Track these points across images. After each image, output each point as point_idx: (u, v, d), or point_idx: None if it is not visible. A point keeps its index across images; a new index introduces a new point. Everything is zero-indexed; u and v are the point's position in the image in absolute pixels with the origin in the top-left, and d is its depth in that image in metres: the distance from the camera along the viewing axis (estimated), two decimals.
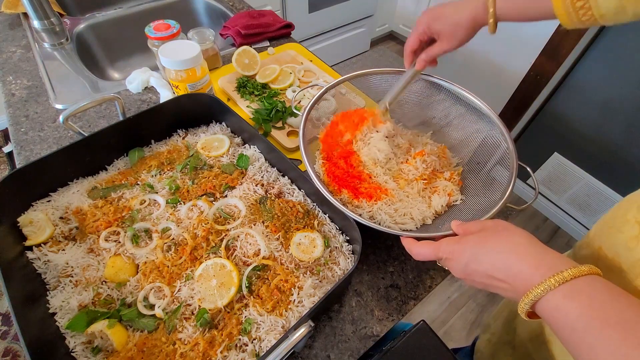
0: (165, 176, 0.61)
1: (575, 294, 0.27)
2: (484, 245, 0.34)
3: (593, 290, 0.27)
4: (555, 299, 0.28)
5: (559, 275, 0.28)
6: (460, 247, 0.36)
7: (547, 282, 0.28)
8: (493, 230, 0.35)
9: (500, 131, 0.57)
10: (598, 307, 0.26)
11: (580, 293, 0.27)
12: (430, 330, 0.48)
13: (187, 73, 0.68)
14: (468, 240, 0.36)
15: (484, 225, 0.37)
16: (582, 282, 0.28)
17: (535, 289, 0.28)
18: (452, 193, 0.57)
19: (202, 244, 0.53)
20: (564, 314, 0.27)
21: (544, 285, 0.28)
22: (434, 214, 0.56)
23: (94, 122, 0.76)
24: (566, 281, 0.27)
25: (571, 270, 0.28)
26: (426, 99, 0.67)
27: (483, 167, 0.60)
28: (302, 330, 0.40)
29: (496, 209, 0.48)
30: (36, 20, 0.91)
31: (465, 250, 0.35)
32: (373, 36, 2.53)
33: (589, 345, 0.25)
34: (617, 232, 0.36)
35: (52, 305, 0.46)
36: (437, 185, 0.59)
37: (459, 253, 0.35)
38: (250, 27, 0.97)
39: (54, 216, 0.54)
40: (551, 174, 1.63)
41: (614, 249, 0.36)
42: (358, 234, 0.48)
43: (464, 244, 0.35)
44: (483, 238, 0.35)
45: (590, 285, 0.27)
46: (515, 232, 0.33)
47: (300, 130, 0.57)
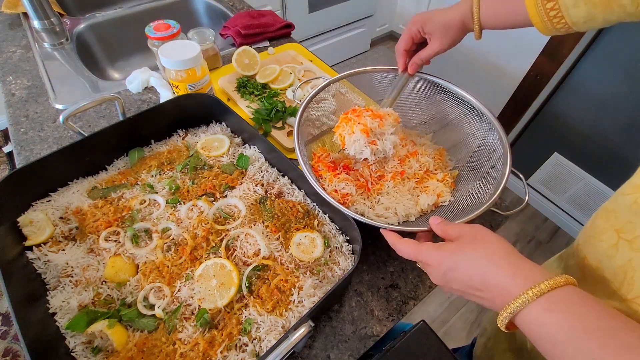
0: (165, 176, 0.61)
1: (553, 306, 0.27)
2: (462, 254, 0.34)
3: (570, 301, 0.27)
4: (534, 312, 0.28)
5: (537, 287, 0.28)
6: (439, 254, 0.36)
7: (525, 294, 0.28)
8: (471, 238, 0.35)
9: (498, 135, 0.57)
10: (576, 318, 0.26)
11: (558, 305, 0.27)
12: (430, 330, 0.48)
13: (187, 73, 0.68)
14: (447, 248, 0.36)
15: (462, 232, 0.37)
16: (559, 294, 0.28)
17: (514, 302, 0.29)
18: (441, 194, 0.58)
19: (202, 244, 0.53)
20: (543, 327, 0.27)
21: (522, 298, 0.28)
22: (420, 212, 0.56)
23: (94, 122, 0.76)
24: (543, 293, 0.28)
25: (548, 282, 0.28)
26: (426, 99, 0.67)
27: (478, 171, 0.60)
28: (302, 330, 0.40)
29: (477, 212, 0.48)
30: (36, 20, 0.91)
31: (444, 258, 0.35)
32: (373, 36, 2.53)
33: (571, 357, 0.26)
34: (598, 241, 0.36)
35: (52, 305, 0.46)
36: (428, 185, 0.59)
37: (437, 260, 0.36)
38: (250, 27, 0.97)
39: (54, 216, 0.54)
40: (551, 174, 1.63)
41: (597, 257, 0.36)
42: (358, 234, 0.48)
43: (443, 252, 0.36)
44: (460, 246, 0.35)
45: (567, 296, 0.28)
46: (492, 241, 0.34)
47: (295, 128, 0.57)
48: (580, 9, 0.42)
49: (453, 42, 0.54)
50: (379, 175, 0.59)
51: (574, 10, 0.42)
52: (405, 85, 0.62)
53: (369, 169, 0.59)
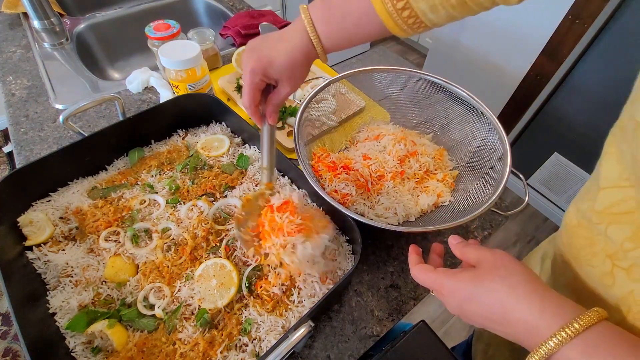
0: (165, 176, 0.61)
1: (592, 350, 0.25)
2: (480, 285, 0.31)
3: (609, 343, 0.25)
4: (572, 356, 0.25)
5: (570, 327, 0.25)
6: (454, 283, 0.33)
7: (557, 335, 0.26)
8: (490, 267, 0.32)
9: (498, 134, 0.57)
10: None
11: (597, 349, 0.25)
12: (430, 330, 0.48)
13: (187, 73, 0.68)
14: (464, 277, 0.33)
15: (481, 257, 0.34)
16: (595, 334, 0.25)
17: (545, 345, 0.26)
18: (441, 194, 0.58)
19: (202, 244, 0.53)
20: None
21: (554, 340, 0.26)
22: (420, 212, 0.56)
23: (94, 122, 0.76)
24: (578, 333, 0.25)
25: (582, 320, 0.26)
26: (426, 99, 0.67)
27: (478, 171, 0.60)
28: (302, 330, 0.40)
29: (477, 212, 0.48)
30: (36, 20, 0.91)
31: (460, 289, 0.33)
32: None
33: None
34: (588, 266, 0.34)
35: (52, 305, 0.46)
36: (427, 185, 0.59)
37: (454, 290, 0.33)
38: (250, 27, 0.97)
39: (54, 216, 0.54)
40: (551, 174, 1.63)
41: (590, 282, 0.34)
42: (358, 234, 0.48)
43: (458, 281, 0.33)
44: (479, 276, 0.32)
45: (605, 337, 0.25)
46: (513, 271, 0.31)
47: (295, 128, 0.57)
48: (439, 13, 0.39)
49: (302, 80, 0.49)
50: (378, 175, 0.59)
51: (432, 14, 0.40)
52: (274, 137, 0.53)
53: (369, 168, 0.59)
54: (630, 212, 0.27)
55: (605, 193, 0.29)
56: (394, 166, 0.60)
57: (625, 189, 0.27)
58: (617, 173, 0.28)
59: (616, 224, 0.28)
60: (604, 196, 0.29)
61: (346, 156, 0.62)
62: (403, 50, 2.73)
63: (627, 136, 0.27)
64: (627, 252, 0.27)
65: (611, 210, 0.29)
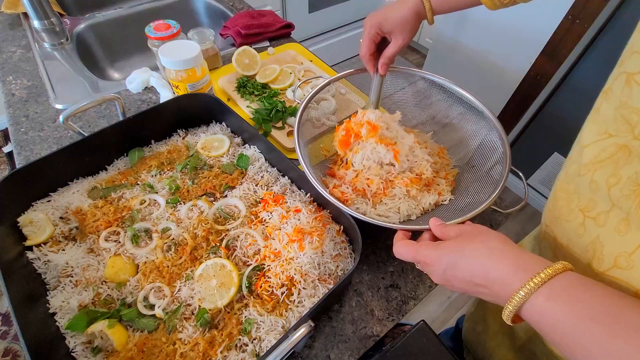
0: (165, 176, 0.61)
1: (555, 295, 0.28)
2: (461, 251, 0.34)
3: (572, 288, 0.28)
4: (538, 303, 0.28)
5: (537, 277, 0.28)
6: (438, 253, 0.36)
7: (526, 285, 0.28)
8: (470, 235, 0.35)
9: (498, 134, 0.57)
10: (580, 306, 0.26)
11: (561, 293, 0.28)
12: (430, 330, 0.48)
13: (187, 73, 0.68)
14: (446, 246, 0.36)
15: (461, 230, 0.37)
16: (559, 281, 0.28)
17: (517, 295, 0.29)
18: (442, 192, 0.57)
19: (202, 244, 0.53)
20: (549, 318, 0.27)
21: (524, 290, 0.28)
22: (422, 211, 0.56)
23: (94, 122, 0.76)
24: (544, 282, 0.28)
25: (547, 270, 0.28)
26: (426, 99, 0.67)
27: (479, 170, 0.60)
28: (302, 330, 0.40)
29: (476, 210, 0.48)
30: (36, 20, 0.91)
31: (443, 257, 0.35)
32: None
33: (582, 346, 0.26)
34: (566, 222, 0.37)
35: (52, 305, 0.46)
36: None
37: (437, 259, 0.36)
38: (250, 27, 0.98)
39: (54, 216, 0.54)
40: (551, 174, 1.63)
41: (566, 236, 0.37)
42: (358, 234, 0.48)
43: (442, 250, 0.36)
44: (460, 243, 0.35)
45: (568, 283, 0.28)
46: (490, 236, 0.34)
47: (295, 127, 0.57)
48: None
49: (412, 34, 0.57)
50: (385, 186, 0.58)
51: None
52: (382, 85, 0.63)
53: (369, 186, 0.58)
54: (610, 156, 0.31)
55: (589, 149, 0.34)
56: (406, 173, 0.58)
57: (604, 141, 0.32)
58: (595, 131, 0.33)
59: (601, 169, 0.32)
60: (588, 151, 0.34)
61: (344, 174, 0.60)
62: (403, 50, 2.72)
63: (612, 95, 0.31)
64: (611, 187, 0.31)
65: (596, 159, 0.33)
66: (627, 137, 0.30)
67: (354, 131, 0.58)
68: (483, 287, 0.32)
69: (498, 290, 0.31)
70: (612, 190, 0.31)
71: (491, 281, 0.31)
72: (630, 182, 0.29)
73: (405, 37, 0.56)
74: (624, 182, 0.30)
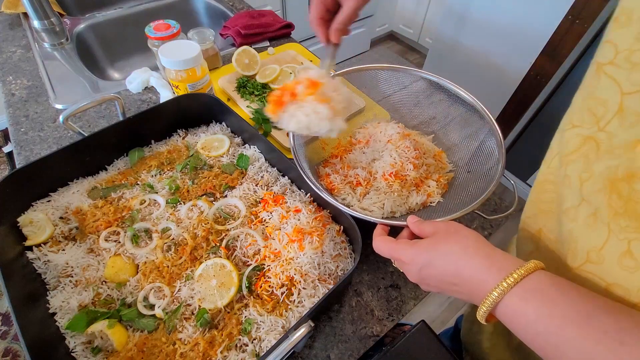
0: (165, 176, 0.61)
1: (529, 295, 0.28)
2: (436, 250, 0.34)
3: (544, 287, 0.28)
4: (512, 303, 0.28)
5: (510, 277, 0.28)
6: (414, 251, 0.36)
7: (499, 286, 0.28)
8: (445, 234, 0.35)
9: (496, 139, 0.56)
10: (553, 306, 0.27)
11: (534, 293, 0.28)
12: (430, 330, 0.48)
13: (187, 73, 0.68)
14: (421, 244, 0.36)
15: (436, 228, 0.37)
16: (532, 281, 0.28)
17: (490, 295, 0.29)
18: (432, 194, 0.57)
19: (202, 244, 0.53)
20: (522, 318, 0.28)
21: (497, 290, 0.28)
22: (407, 210, 0.56)
23: (94, 122, 0.76)
24: (517, 282, 0.28)
25: (520, 270, 0.28)
26: (426, 99, 0.67)
27: (473, 175, 0.59)
28: (302, 330, 0.40)
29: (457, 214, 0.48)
30: (36, 20, 0.91)
31: (419, 255, 0.35)
32: (373, 36, 2.53)
33: (554, 346, 0.26)
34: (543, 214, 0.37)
35: (52, 305, 0.46)
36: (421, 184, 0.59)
37: (412, 258, 0.36)
38: (250, 27, 0.98)
39: (54, 216, 0.54)
40: None
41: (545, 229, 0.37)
42: (358, 234, 0.48)
43: (417, 249, 0.36)
44: (435, 242, 0.35)
45: (540, 282, 0.28)
46: (465, 235, 0.34)
47: None
48: None
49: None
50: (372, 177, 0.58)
51: None
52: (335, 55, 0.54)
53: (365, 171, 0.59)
54: (576, 149, 0.31)
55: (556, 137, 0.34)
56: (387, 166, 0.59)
57: (569, 131, 0.32)
58: (564, 121, 0.33)
59: (572, 163, 0.32)
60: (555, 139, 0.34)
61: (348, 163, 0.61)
62: (403, 50, 2.73)
63: (582, 86, 0.31)
64: (584, 182, 0.30)
65: (565, 152, 0.32)
66: (592, 129, 0.29)
67: (290, 89, 0.48)
68: (457, 285, 0.32)
69: (472, 289, 0.31)
70: (585, 186, 0.31)
71: (465, 280, 0.31)
72: (602, 178, 0.29)
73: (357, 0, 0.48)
74: (596, 177, 0.30)
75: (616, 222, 0.28)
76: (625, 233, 0.28)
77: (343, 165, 0.61)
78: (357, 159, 0.62)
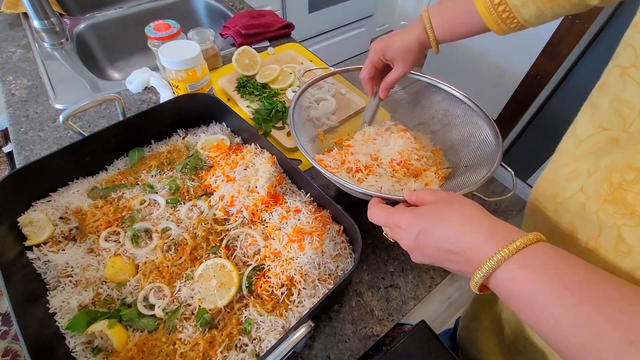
0: (165, 176, 0.61)
1: (530, 263, 0.27)
2: (438, 216, 0.33)
3: (546, 257, 0.27)
4: (511, 270, 0.28)
5: (512, 244, 0.28)
6: (413, 216, 0.35)
7: (500, 252, 0.28)
8: (447, 202, 0.35)
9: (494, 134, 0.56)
10: (554, 274, 0.26)
11: (535, 260, 0.27)
12: (430, 330, 0.48)
13: (187, 73, 0.68)
14: (422, 210, 0.35)
15: (437, 196, 0.36)
16: (534, 250, 0.28)
17: (489, 261, 0.28)
18: (429, 184, 0.57)
19: (202, 244, 0.53)
20: (520, 285, 0.27)
21: (497, 256, 0.28)
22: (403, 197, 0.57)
23: (94, 122, 0.76)
24: (518, 250, 0.28)
25: (522, 239, 0.28)
26: (426, 99, 0.67)
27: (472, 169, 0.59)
28: (302, 330, 0.40)
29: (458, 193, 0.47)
30: (36, 20, 0.91)
31: (419, 220, 0.34)
32: (373, 36, 2.52)
33: (550, 313, 0.25)
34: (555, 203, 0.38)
35: (52, 305, 0.46)
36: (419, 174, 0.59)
37: (411, 223, 0.35)
38: (250, 27, 0.98)
39: (54, 216, 0.54)
40: None
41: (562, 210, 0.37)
42: (358, 234, 0.48)
43: (417, 214, 0.35)
44: (436, 209, 0.34)
45: (542, 252, 0.28)
46: (467, 204, 0.33)
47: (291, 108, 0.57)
48: (529, 8, 0.45)
49: (415, 64, 0.58)
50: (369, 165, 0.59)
51: (524, 9, 0.45)
52: (379, 107, 0.65)
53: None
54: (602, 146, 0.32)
55: (585, 143, 0.35)
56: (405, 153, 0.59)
57: (598, 134, 0.33)
58: (592, 125, 0.34)
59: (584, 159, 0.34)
60: (583, 146, 0.35)
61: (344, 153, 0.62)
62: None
63: (607, 89, 0.32)
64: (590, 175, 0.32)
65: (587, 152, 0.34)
66: (619, 130, 0.30)
67: None
68: (454, 254, 0.32)
69: (470, 257, 0.30)
70: (591, 178, 0.31)
71: (464, 247, 0.31)
72: (607, 170, 0.30)
73: (406, 66, 0.57)
74: (601, 170, 0.30)
75: (604, 209, 0.30)
76: (614, 219, 0.29)
77: (341, 151, 0.61)
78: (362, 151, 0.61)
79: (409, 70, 0.58)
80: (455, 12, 0.51)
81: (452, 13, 0.52)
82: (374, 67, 0.59)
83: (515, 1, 0.45)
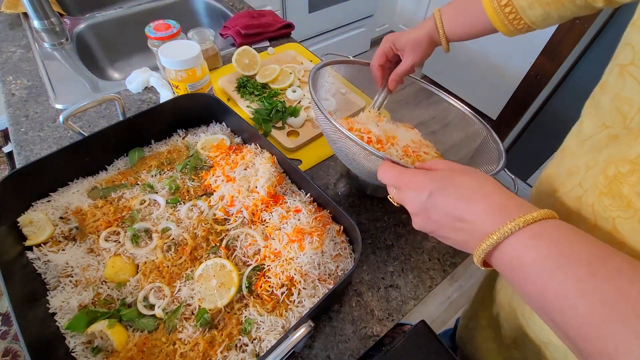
0: (165, 176, 0.61)
1: (544, 234, 0.27)
2: (453, 181, 0.33)
3: (560, 230, 0.27)
4: (521, 240, 0.27)
5: (529, 215, 0.27)
6: (427, 178, 0.34)
7: (515, 221, 0.27)
8: (463, 170, 0.34)
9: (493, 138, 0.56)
10: (567, 246, 0.26)
11: (549, 233, 0.27)
12: (430, 330, 0.48)
13: (187, 73, 0.68)
14: (436, 173, 0.34)
15: (452, 165, 0.36)
16: (548, 224, 0.27)
17: (501, 229, 0.27)
18: None
19: (202, 244, 0.53)
20: (530, 256, 0.27)
21: (510, 225, 0.27)
22: None
23: (94, 122, 0.76)
24: (534, 221, 0.27)
25: (537, 212, 0.28)
26: (426, 99, 0.67)
27: None
28: (302, 330, 0.40)
29: None
30: (36, 20, 0.91)
31: (432, 182, 0.33)
32: (373, 36, 2.53)
33: (559, 282, 0.25)
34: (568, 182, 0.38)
35: (52, 305, 0.46)
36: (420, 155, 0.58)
37: (423, 183, 0.34)
38: (250, 27, 0.98)
39: (54, 216, 0.54)
40: None
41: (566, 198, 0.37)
42: (358, 234, 0.48)
43: (432, 176, 0.34)
44: (452, 174, 0.33)
45: (556, 226, 0.27)
46: (482, 175, 0.33)
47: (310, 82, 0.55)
48: (536, 10, 0.46)
49: (424, 56, 0.59)
50: None
51: (530, 11, 0.46)
52: (387, 99, 0.65)
53: None
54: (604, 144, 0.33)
55: (590, 142, 0.35)
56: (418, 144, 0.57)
57: (601, 133, 0.33)
58: (595, 125, 0.34)
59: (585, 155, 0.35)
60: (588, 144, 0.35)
61: None
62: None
63: (608, 88, 0.32)
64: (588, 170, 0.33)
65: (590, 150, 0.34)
66: (619, 127, 0.31)
67: None
68: (463, 222, 0.31)
69: (480, 224, 0.29)
70: (589, 172, 0.32)
71: (474, 215, 0.30)
72: (604, 163, 0.30)
73: (415, 57, 0.58)
74: (600, 164, 0.31)
75: (600, 202, 0.30)
76: (609, 212, 0.29)
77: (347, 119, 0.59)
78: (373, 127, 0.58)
79: (418, 61, 0.59)
80: (466, 12, 0.53)
81: (463, 13, 0.54)
82: (384, 55, 0.61)
83: (522, 2, 0.46)
